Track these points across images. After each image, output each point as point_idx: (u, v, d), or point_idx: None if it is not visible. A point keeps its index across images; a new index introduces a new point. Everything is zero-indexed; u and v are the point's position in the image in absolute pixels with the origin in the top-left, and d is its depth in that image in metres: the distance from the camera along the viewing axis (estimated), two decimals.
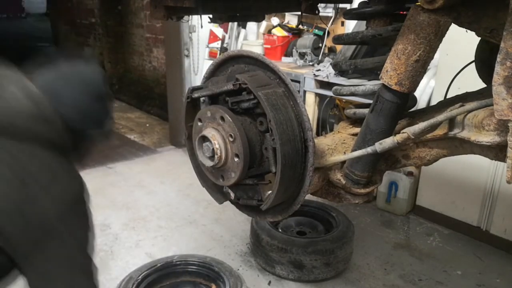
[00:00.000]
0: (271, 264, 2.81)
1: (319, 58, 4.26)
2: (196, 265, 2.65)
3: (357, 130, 1.72)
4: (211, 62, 1.60)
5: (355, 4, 2.06)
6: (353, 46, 3.55)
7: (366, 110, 1.61)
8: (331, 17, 4.25)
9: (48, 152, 1.04)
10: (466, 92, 1.65)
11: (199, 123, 1.49)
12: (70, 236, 1.07)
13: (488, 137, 1.29)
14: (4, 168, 0.94)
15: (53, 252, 1.04)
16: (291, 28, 4.59)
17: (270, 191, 1.42)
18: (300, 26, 4.56)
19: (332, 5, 4.13)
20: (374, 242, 3.30)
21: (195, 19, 4.65)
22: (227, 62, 1.53)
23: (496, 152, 1.40)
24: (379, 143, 1.46)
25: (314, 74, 3.84)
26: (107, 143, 1.32)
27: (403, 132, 1.44)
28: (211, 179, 1.56)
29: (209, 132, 1.42)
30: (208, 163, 1.45)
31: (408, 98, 1.46)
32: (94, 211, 1.26)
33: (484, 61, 1.70)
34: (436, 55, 1.60)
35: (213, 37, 5.16)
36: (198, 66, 5.06)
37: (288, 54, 4.52)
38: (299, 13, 2.25)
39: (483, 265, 3.05)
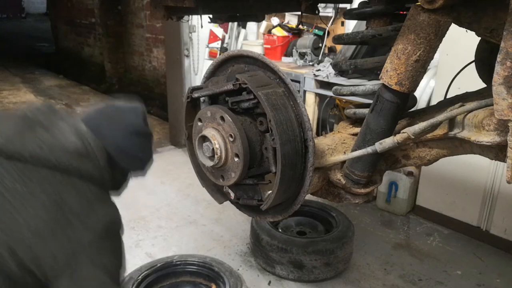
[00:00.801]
0: (271, 264, 2.81)
1: (319, 58, 4.26)
2: (196, 265, 2.65)
3: (357, 130, 1.72)
4: (211, 62, 1.60)
5: (355, 4, 2.06)
6: (353, 46, 3.55)
7: (366, 110, 1.61)
8: (331, 17, 4.25)
9: (86, 184, 1.11)
10: (466, 92, 1.65)
11: (199, 123, 1.49)
12: (101, 262, 1.11)
13: (488, 137, 1.29)
14: (42, 195, 1.02)
15: (83, 276, 1.08)
16: (291, 28, 4.58)
17: (270, 191, 1.42)
18: (300, 26, 4.56)
19: (332, 5, 4.13)
20: (374, 242, 3.30)
21: (195, 19, 4.64)
22: (227, 62, 1.53)
23: (496, 152, 1.40)
24: (379, 143, 1.46)
25: (314, 74, 3.84)
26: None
27: (403, 132, 1.44)
28: (211, 179, 1.56)
29: (209, 132, 1.42)
30: (208, 163, 1.45)
31: (408, 98, 1.46)
32: None
33: (484, 61, 1.70)
34: (436, 55, 1.60)
35: (213, 37, 5.15)
36: (198, 66, 5.05)
37: (288, 54, 4.52)
38: (299, 13, 2.24)
39: (483, 265, 3.05)
